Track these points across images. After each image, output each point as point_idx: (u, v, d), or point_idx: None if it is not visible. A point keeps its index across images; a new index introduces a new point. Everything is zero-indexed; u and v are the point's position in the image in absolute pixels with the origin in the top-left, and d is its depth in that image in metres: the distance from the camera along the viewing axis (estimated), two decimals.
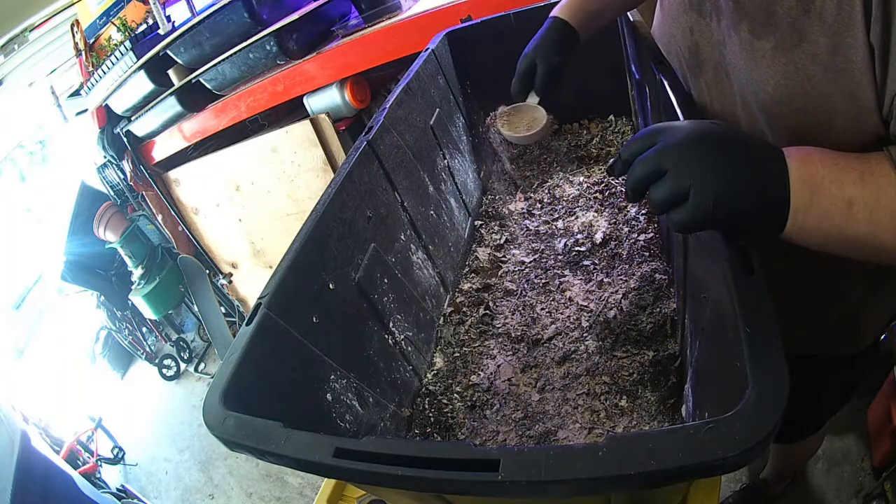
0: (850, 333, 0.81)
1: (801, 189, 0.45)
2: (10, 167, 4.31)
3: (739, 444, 0.34)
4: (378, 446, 0.44)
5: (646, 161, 0.49)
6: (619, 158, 0.53)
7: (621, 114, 1.36)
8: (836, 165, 0.46)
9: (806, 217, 0.46)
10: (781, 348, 0.39)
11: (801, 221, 0.46)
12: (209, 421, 0.52)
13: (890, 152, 0.46)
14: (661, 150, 0.48)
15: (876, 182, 0.45)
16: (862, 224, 0.45)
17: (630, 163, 0.51)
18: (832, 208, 0.45)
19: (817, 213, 0.46)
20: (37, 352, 4.21)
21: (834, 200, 0.45)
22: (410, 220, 1.01)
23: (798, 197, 0.46)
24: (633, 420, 0.76)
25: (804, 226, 0.47)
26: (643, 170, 0.49)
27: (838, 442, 1.59)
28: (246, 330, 0.63)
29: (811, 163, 0.46)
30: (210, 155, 2.42)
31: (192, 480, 2.64)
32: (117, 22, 2.42)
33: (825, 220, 0.46)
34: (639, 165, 0.50)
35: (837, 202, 0.45)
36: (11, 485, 1.62)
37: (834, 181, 0.45)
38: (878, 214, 0.45)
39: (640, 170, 0.49)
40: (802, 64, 0.50)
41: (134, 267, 3.01)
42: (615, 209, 1.14)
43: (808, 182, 0.46)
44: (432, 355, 0.99)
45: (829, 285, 0.72)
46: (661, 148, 0.48)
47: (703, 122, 0.50)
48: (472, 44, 1.29)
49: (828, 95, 0.50)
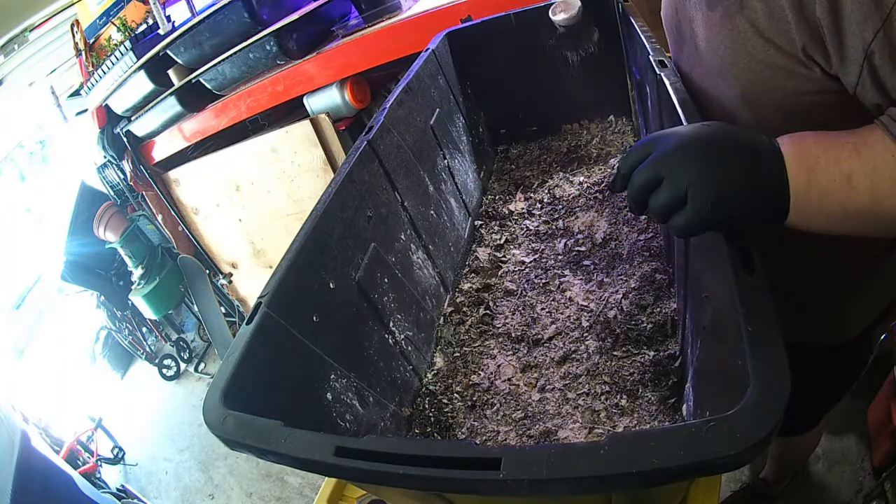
0: (835, 322, 0.82)
1: (798, 172, 0.46)
2: (10, 167, 4.32)
3: (741, 443, 0.34)
4: (379, 445, 0.44)
5: (642, 171, 0.50)
6: (619, 174, 0.54)
7: (621, 114, 1.36)
8: (829, 143, 0.47)
9: (807, 198, 0.46)
10: (783, 347, 0.39)
11: (804, 203, 0.47)
12: (209, 420, 0.52)
13: (881, 121, 0.46)
14: (655, 158, 0.49)
15: (870, 151, 0.45)
16: (863, 195, 0.45)
17: (628, 176, 0.52)
18: (831, 185, 0.46)
19: (818, 192, 0.46)
20: (37, 352, 4.21)
21: (832, 177, 0.46)
22: (410, 219, 1.01)
23: (796, 180, 0.46)
24: (634, 420, 0.76)
25: (807, 207, 0.47)
26: (641, 180, 0.50)
27: (838, 442, 1.59)
28: (246, 329, 0.62)
29: (804, 143, 0.47)
30: (210, 155, 2.42)
31: (192, 480, 2.63)
32: (117, 22, 2.43)
33: (826, 199, 0.46)
34: (636, 176, 0.51)
35: (836, 178, 0.46)
36: (11, 485, 1.62)
37: (829, 158, 0.46)
38: (878, 183, 0.45)
39: (638, 180, 0.50)
40: (743, 27, 0.55)
41: (134, 267, 3.01)
42: (615, 209, 1.14)
43: (803, 163, 0.46)
44: (432, 355, 0.99)
45: (816, 272, 0.74)
46: (655, 157, 0.49)
47: (695, 125, 0.51)
48: (473, 44, 1.29)
49: (768, 57, 0.54)
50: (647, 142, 0.52)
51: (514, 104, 1.41)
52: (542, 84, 1.33)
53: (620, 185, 0.54)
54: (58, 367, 4.05)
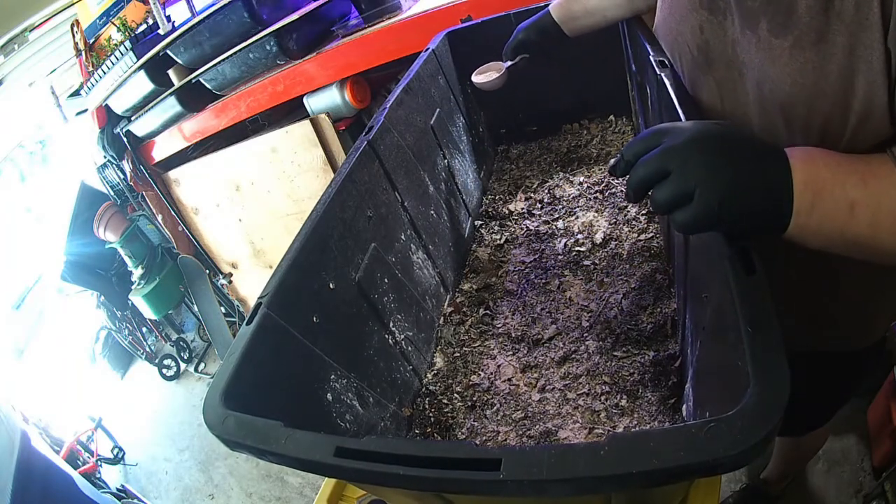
0: (859, 328, 0.81)
1: (803, 192, 0.46)
2: (10, 167, 4.31)
3: (740, 443, 0.34)
4: (379, 445, 0.44)
5: (649, 161, 0.49)
6: (622, 159, 0.53)
7: (621, 114, 1.36)
8: (838, 167, 0.46)
9: (808, 219, 0.46)
10: (783, 347, 0.39)
11: (804, 223, 0.46)
12: (209, 420, 0.52)
13: (893, 152, 0.46)
14: (665, 150, 0.48)
15: (878, 184, 0.45)
16: (863, 227, 0.45)
17: (632, 163, 0.51)
18: (834, 211, 0.46)
19: (819, 216, 0.46)
20: (37, 352, 4.20)
21: (836, 203, 0.45)
22: (411, 219, 1.01)
23: (801, 200, 0.46)
24: (634, 420, 0.76)
25: (806, 228, 0.47)
26: (646, 170, 0.49)
27: (838, 442, 1.59)
28: (246, 329, 0.62)
29: (814, 164, 0.47)
30: (210, 155, 2.42)
31: (192, 480, 2.63)
32: (117, 22, 2.42)
33: (827, 222, 0.46)
34: (642, 166, 0.49)
35: (840, 204, 0.45)
36: (11, 485, 1.62)
37: (836, 183, 0.46)
38: (879, 217, 0.45)
39: (643, 171, 0.49)
40: (820, 63, 0.50)
41: (134, 267, 3.01)
42: (615, 209, 1.14)
43: (810, 185, 0.46)
44: (432, 355, 0.99)
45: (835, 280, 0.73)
46: (665, 148, 0.48)
47: (707, 122, 0.50)
48: (473, 44, 1.29)
49: (843, 95, 0.50)
50: (656, 132, 0.50)
51: (514, 104, 1.41)
52: (542, 84, 1.33)
53: (622, 172, 0.53)
54: (58, 367, 4.05)
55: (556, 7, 1.04)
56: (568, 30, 1.04)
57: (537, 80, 1.31)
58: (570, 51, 1.06)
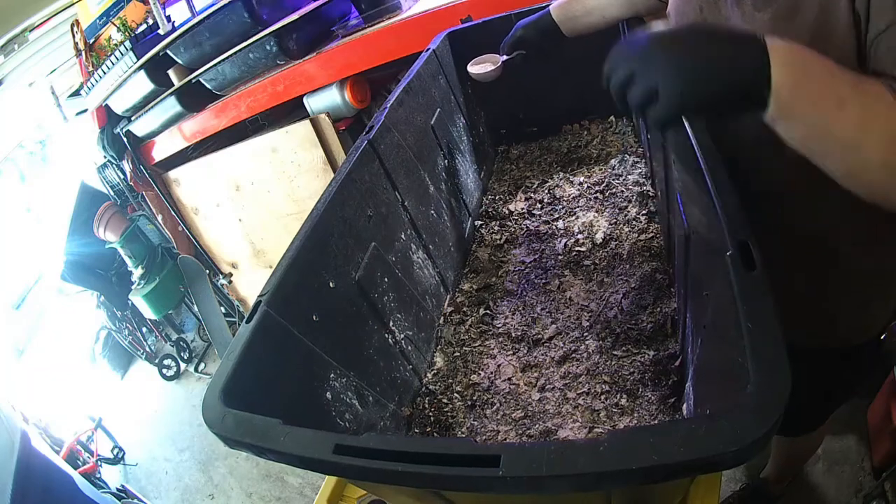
0: (860, 322, 0.81)
1: (783, 68, 0.45)
2: (10, 167, 4.31)
3: (741, 440, 0.34)
4: (378, 443, 0.44)
5: (616, 70, 0.52)
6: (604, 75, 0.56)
7: (621, 114, 1.36)
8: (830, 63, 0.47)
9: (792, 96, 0.46)
10: (783, 344, 0.39)
11: (787, 100, 0.46)
12: (209, 418, 0.52)
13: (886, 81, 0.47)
14: (628, 55, 0.51)
15: (870, 88, 0.46)
16: (850, 128, 0.45)
17: None
18: (822, 98, 0.46)
19: (805, 98, 0.46)
20: (37, 352, 4.20)
21: (824, 91, 0.46)
22: (411, 219, 1.01)
23: (782, 74, 0.45)
24: (634, 419, 0.76)
25: (792, 109, 0.46)
26: (616, 77, 0.52)
27: (838, 442, 1.59)
28: (246, 328, 0.62)
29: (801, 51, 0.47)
30: (210, 155, 2.42)
31: (192, 480, 2.63)
32: (117, 22, 2.42)
33: (814, 109, 0.46)
34: (612, 76, 0.53)
35: (829, 96, 0.46)
36: (11, 485, 1.62)
37: (826, 72, 0.46)
38: (868, 119, 0.45)
39: (614, 79, 0.52)
40: (797, 32, 0.54)
41: (134, 267, 3.01)
42: (615, 209, 1.14)
43: (791, 61, 0.46)
44: (432, 355, 0.99)
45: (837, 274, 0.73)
46: (629, 53, 0.51)
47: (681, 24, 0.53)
48: (473, 44, 1.29)
49: None
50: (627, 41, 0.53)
51: (514, 104, 1.41)
52: (543, 84, 1.33)
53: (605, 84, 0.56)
54: (58, 367, 4.04)
55: (557, 8, 1.05)
56: (567, 30, 1.05)
57: (538, 80, 1.31)
58: (571, 51, 1.07)
